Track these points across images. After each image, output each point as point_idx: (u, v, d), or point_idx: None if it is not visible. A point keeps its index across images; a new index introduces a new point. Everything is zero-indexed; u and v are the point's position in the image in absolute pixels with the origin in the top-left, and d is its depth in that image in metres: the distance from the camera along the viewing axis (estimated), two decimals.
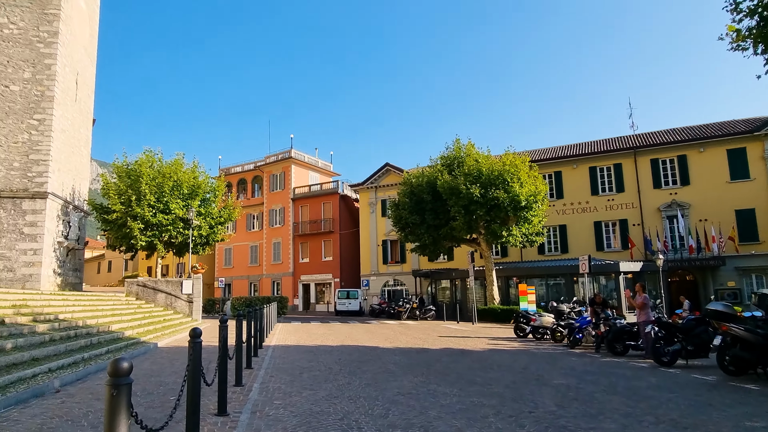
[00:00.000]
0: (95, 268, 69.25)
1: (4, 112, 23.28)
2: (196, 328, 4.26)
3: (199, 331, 4.23)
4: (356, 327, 22.80)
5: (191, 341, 4.17)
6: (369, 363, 10.67)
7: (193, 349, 4.12)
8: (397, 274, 38.89)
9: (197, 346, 4.17)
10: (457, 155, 28.10)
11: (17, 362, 7.79)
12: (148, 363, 10.32)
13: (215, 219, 28.36)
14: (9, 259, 22.16)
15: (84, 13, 28.06)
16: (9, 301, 12.04)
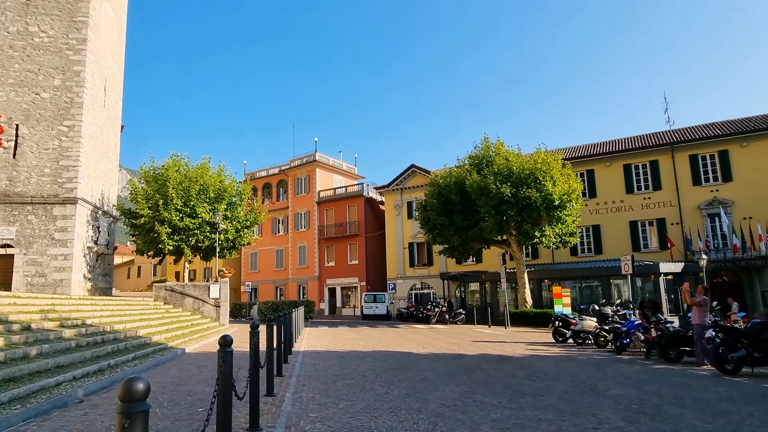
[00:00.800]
0: (125, 273, 70.49)
1: (35, 119, 23.56)
2: (227, 335, 3.74)
3: (230, 339, 3.72)
4: (385, 331, 22.22)
5: (221, 350, 3.65)
6: (405, 370, 10.08)
7: (223, 359, 3.61)
8: (425, 277, 38.19)
9: (228, 356, 3.65)
10: (485, 154, 27.33)
11: (41, 370, 7.46)
12: (175, 370, 9.94)
13: (241, 222, 28.22)
14: (41, 264, 22.33)
15: (111, 21, 28.34)
16: (37, 306, 11.87)
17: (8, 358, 7.30)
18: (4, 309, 10.17)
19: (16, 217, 22.46)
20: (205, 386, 8.08)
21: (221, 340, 3.68)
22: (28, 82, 23.79)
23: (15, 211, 22.50)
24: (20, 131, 23.29)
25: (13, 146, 23.14)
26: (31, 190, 22.79)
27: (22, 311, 10.64)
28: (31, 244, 22.35)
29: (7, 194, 22.54)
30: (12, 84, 23.59)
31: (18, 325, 9.15)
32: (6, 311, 10.01)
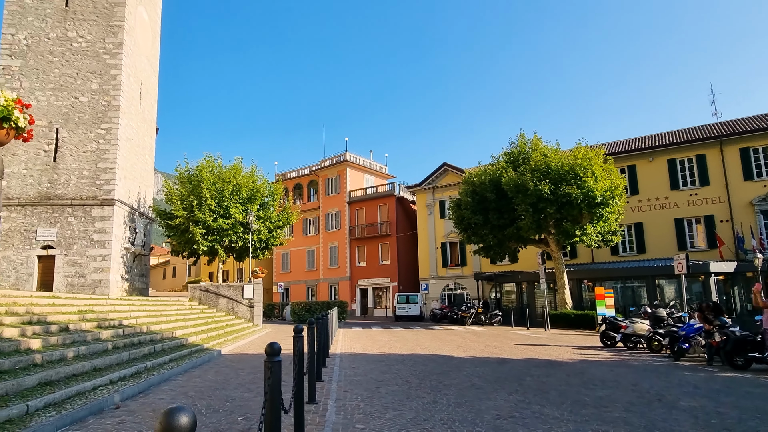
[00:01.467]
0: (161, 274, 72.01)
1: (74, 122, 23.98)
2: (274, 343, 3.31)
3: (278, 348, 3.28)
4: (421, 333, 21.68)
5: (269, 360, 3.22)
6: (449, 375, 9.54)
7: (271, 371, 3.17)
8: (458, 278, 37.44)
9: (276, 367, 3.21)
10: (522, 150, 26.49)
11: (78, 373, 7.25)
12: (212, 373, 9.67)
13: (274, 223, 28.15)
14: (80, 265, 22.69)
15: (146, 25, 28.71)
16: (76, 307, 11.83)
17: (45, 361, 7.11)
18: (44, 309, 10.10)
19: (56, 218, 22.90)
20: (243, 391, 7.73)
21: (268, 348, 3.24)
22: (68, 87, 24.25)
23: (56, 212, 22.94)
24: (60, 135, 23.75)
25: (53, 149, 23.62)
26: (71, 192, 23.20)
27: (61, 312, 10.57)
28: (71, 245, 22.74)
29: (48, 196, 23.00)
30: (52, 89, 24.10)
31: (56, 326, 9.03)
32: (45, 311, 9.93)
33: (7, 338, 7.44)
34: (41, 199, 22.89)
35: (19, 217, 22.66)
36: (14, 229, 22.59)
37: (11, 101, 4.01)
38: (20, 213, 22.67)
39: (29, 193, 22.93)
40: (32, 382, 6.11)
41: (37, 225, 22.75)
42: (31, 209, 22.77)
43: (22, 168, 23.13)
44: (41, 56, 24.31)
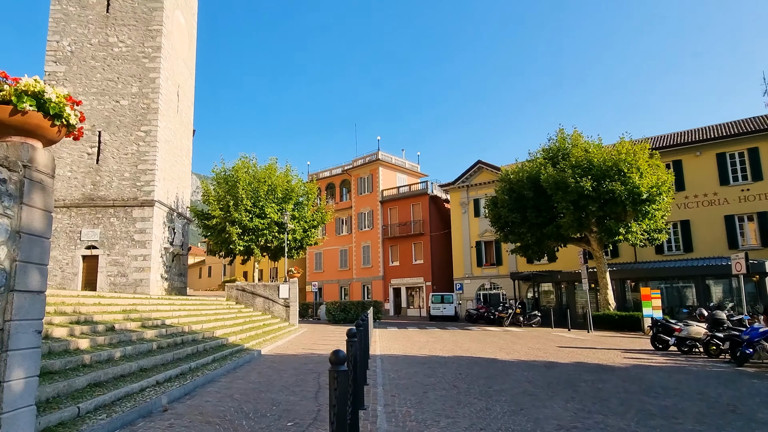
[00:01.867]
0: (197, 273, 73.55)
1: (116, 125, 24.54)
2: (339, 351, 3.04)
3: (343, 356, 3.02)
4: (459, 334, 21.25)
5: (334, 370, 2.96)
6: (497, 380, 9.15)
7: (337, 381, 2.91)
8: (493, 277, 36.74)
9: (342, 377, 2.94)
10: (561, 146, 25.67)
11: (125, 373, 7.22)
12: (255, 374, 9.56)
13: (308, 222, 28.19)
14: (122, 264, 23.20)
15: (183, 28, 29.19)
16: (120, 306, 11.97)
17: (94, 361, 7.11)
18: (90, 309, 10.21)
19: (99, 219, 23.48)
20: (288, 394, 7.55)
21: (333, 356, 2.98)
22: (109, 91, 24.84)
23: (99, 213, 23.53)
24: (102, 137, 24.35)
25: (96, 152, 24.24)
26: (113, 194, 23.75)
27: (106, 311, 10.68)
28: (114, 245, 23.28)
29: (91, 198, 23.62)
30: (95, 93, 24.72)
31: (102, 326, 9.08)
32: (91, 311, 10.03)
33: (57, 338, 7.48)
34: (85, 200, 23.52)
35: (65, 218, 23.34)
36: (60, 230, 23.27)
37: (63, 98, 3.89)
38: (66, 214, 23.35)
39: (74, 195, 23.59)
40: (82, 383, 6.07)
41: (81, 226, 23.39)
42: (75, 210, 23.42)
43: (66, 170, 23.82)
44: (84, 62, 24.98)
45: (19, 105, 3.72)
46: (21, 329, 3.67)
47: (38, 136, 3.94)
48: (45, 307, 3.98)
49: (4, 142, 3.76)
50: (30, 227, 3.78)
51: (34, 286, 3.81)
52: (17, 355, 3.64)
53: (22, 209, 3.72)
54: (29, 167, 3.81)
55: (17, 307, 3.63)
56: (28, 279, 3.74)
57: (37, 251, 3.87)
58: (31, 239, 3.79)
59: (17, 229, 3.69)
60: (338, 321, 29.15)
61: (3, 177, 3.61)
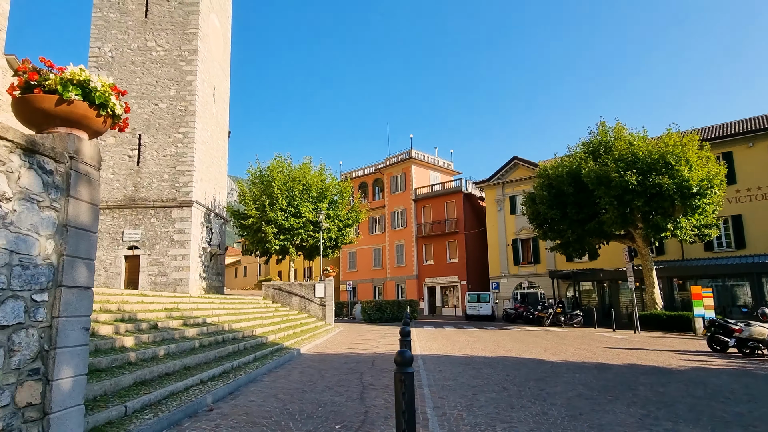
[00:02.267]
0: (233, 273, 74.87)
1: (155, 128, 25.04)
2: (405, 351, 2.77)
3: (409, 357, 2.74)
4: (498, 334, 20.72)
5: (400, 371, 2.68)
6: (548, 382, 8.71)
7: (404, 384, 2.63)
8: (531, 276, 35.86)
9: (409, 380, 2.66)
10: (603, 139, 24.72)
11: (170, 372, 7.16)
12: (296, 374, 9.41)
13: (343, 221, 28.11)
14: (162, 264, 23.64)
15: (218, 31, 29.58)
16: (162, 305, 12.06)
17: (139, 359, 7.07)
18: (133, 307, 10.29)
19: (140, 220, 24.00)
20: (332, 395, 7.34)
21: (399, 357, 2.71)
22: (148, 94, 25.37)
23: (140, 214, 24.04)
24: (142, 140, 24.89)
25: (137, 155, 24.80)
26: (153, 195, 24.23)
27: (149, 309, 10.75)
28: (154, 245, 23.74)
29: (132, 199, 24.16)
30: (134, 97, 25.28)
31: (146, 324, 9.10)
32: (135, 309, 10.10)
33: (103, 335, 7.49)
34: (127, 201, 24.08)
35: (108, 219, 23.95)
36: (104, 231, 23.89)
37: (108, 87, 3.76)
38: (108, 215, 23.96)
39: (116, 197, 24.19)
40: (128, 381, 6.01)
41: (123, 226, 23.96)
42: (118, 212, 24.01)
43: (109, 173, 24.45)
44: (124, 66, 25.59)
45: (65, 94, 3.60)
46: (69, 326, 3.55)
47: (84, 127, 3.82)
48: (92, 303, 3.86)
49: (50, 133, 3.65)
50: (77, 221, 3.66)
51: (81, 282, 3.69)
52: (65, 352, 3.52)
53: (69, 202, 3.60)
54: (75, 159, 3.68)
55: (65, 303, 3.51)
56: (75, 274, 3.62)
57: (84, 245, 3.74)
58: (78, 233, 3.66)
59: (64, 222, 3.56)
60: (374, 320, 28.95)
61: (50, 168, 3.49)
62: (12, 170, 3.16)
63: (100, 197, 3.97)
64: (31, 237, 3.29)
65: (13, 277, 3.12)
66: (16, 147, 3.18)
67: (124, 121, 4.15)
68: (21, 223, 3.21)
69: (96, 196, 3.89)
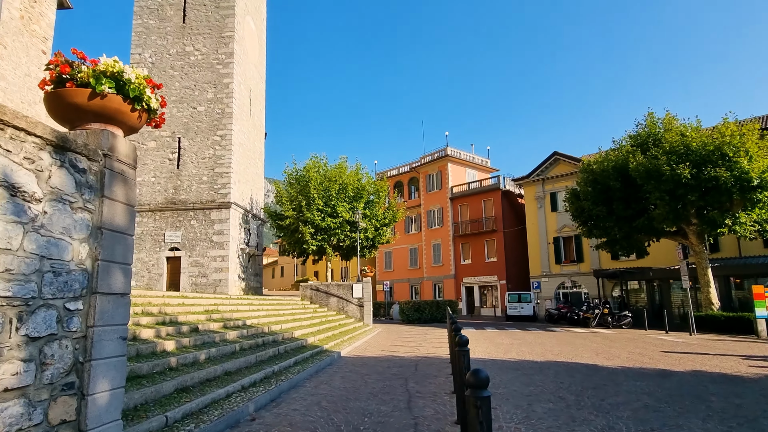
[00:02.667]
0: (270, 273, 75.87)
1: (193, 131, 25.39)
2: (479, 371, 2.36)
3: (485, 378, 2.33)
4: (543, 336, 19.94)
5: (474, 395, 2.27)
6: (607, 390, 8.09)
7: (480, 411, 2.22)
8: (573, 275, 34.65)
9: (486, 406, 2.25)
10: (651, 131, 23.51)
11: (210, 377, 6.96)
12: (338, 379, 9.10)
13: (380, 220, 27.81)
14: (202, 265, 23.92)
15: (253, 33, 29.79)
16: (202, 306, 12.01)
17: (180, 364, 6.90)
18: (174, 309, 10.23)
19: (181, 222, 24.37)
20: (378, 403, 6.98)
21: (473, 378, 2.30)
22: (187, 98, 25.75)
23: (180, 216, 24.42)
24: (182, 143, 25.28)
25: (176, 158, 25.21)
26: (192, 197, 24.56)
27: (190, 312, 10.68)
28: (194, 246, 24.05)
29: (173, 201, 24.56)
30: (174, 101, 25.70)
31: (187, 327, 8.99)
32: (176, 312, 10.04)
33: (145, 339, 7.38)
34: (167, 204, 24.50)
35: (150, 221, 24.43)
36: (146, 233, 24.38)
37: (142, 79, 3.49)
38: (150, 218, 24.44)
39: (158, 200, 24.64)
40: (169, 388, 5.82)
41: (164, 229, 24.38)
42: (159, 214, 24.45)
43: (150, 176, 24.93)
44: (164, 71, 26.05)
45: (98, 87, 3.36)
46: (105, 336, 3.30)
47: (118, 122, 3.57)
48: (130, 310, 3.61)
49: (83, 130, 3.42)
50: (112, 223, 3.42)
51: (117, 288, 3.44)
52: (102, 364, 3.27)
53: (104, 203, 3.36)
54: (110, 156, 3.44)
55: (100, 312, 3.26)
56: (111, 280, 3.38)
57: (120, 249, 3.50)
58: (113, 236, 3.42)
59: (99, 224, 3.32)
60: (412, 321, 28.53)
61: (83, 167, 3.25)
62: (42, 169, 2.93)
63: (136, 198, 3.72)
64: (64, 241, 3.06)
65: (44, 285, 2.89)
66: (46, 144, 2.95)
67: (160, 117, 3.89)
68: (52, 226, 2.98)
69: (132, 197, 3.64)
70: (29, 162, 2.84)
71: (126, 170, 3.60)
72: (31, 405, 2.78)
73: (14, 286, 2.67)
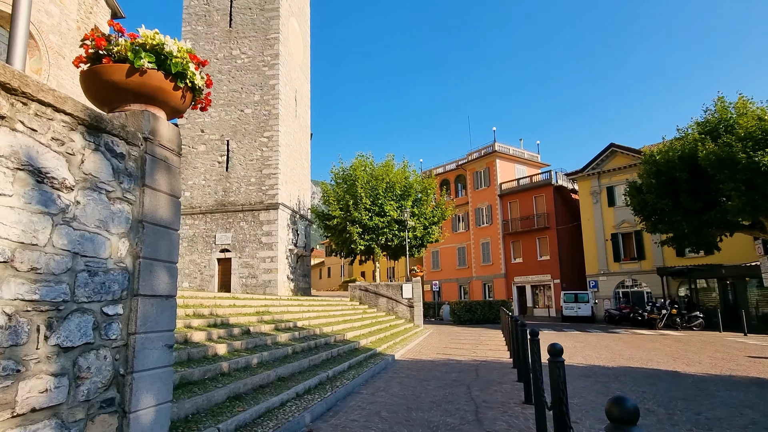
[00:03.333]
0: (317, 274, 76.55)
1: (241, 133, 25.60)
2: (623, 399, 1.75)
3: (633, 409, 1.71)
4: (607, 338, 18.71)
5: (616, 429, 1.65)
6: (701, 403, 7.15)
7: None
8: (634, 273, 32.71)
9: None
10: (722, 117, 21.70)
11: (264, 383, 6.58)
12: (396, 385, 8.57)
13: (428, 219, 27.15)
14: (252, 266, 24.04)
15: (298, 34, 29.82)
16: (253, 308, 11.80)
17: (232, 369, 6.56)
18: (226, 311, 10.02)
19: (231, 224, 24.59)
20: (443, 414, 6.38)
21: (616, 408, 1.72)
22: (234, 101, 26.01)
23: (230, 218, 24.65)
24: (230, 146, 25.54)
25: (225, 160, 25.49)
26: (241, 199, 24.75)
27: (241, 313, 10.45)
28: (244, 248, 24.21)
29: (223, 204, 24.83)
30: (222, 105, 26.03)
31: (238, 329, 8.71)
32: (227, 313, 9.81)
33: (196, 342, 7.10)
34: (217, 206, 24.79)
35: (201, 224, 24.80)
36: (198, 235, 24.77)
37: (185, 52, 3.04)
38: (201, 220, 24.81)
39: (208, 202, 24.98)
40: (221, 396, 5.45)
41: (215, 231, 24.68)
42: (210, 216, 24.78)
43: (201, 179, 25.32)
44: (212, 76, 26.34)
45: (136, 62, 2.96)
46: (148, 344, 2.89)
47: (160, 103, 3.16)
48: (176, 314, 3.20)
49: (122, 112, 3.03)
50: (155, 215, 3.01)
51: (162, 290, 3.03)
52: (145, 377, 2.86)
53: (145, 193, 2.95)
54: (151, 141, 3.04)
55: (143, 317, 2.86)
56: (154, 280, 2.97)
57: (164, 246, 3.09)
58: (156, 230, 3.01)
59: (140, 217, 2.92)
60: (463, 322, 27.70)
61: (120, 151, 2.85)
62: (73, 152, 2.54)
63: (180, 188, 3.31)
64: (100, 236, 2.67)
65: (77, 286, 2.50)
66: (78, 123, 2.57)
67: (206, 97, 3.48)
68: (87, 219, 2.59)
69: (176, 187, 3.24)
70: (58, 144, 2.45)
71: (169, 157, 3.20)
72: (64, 426, 2.39)
73: (42, 288, 2.28)
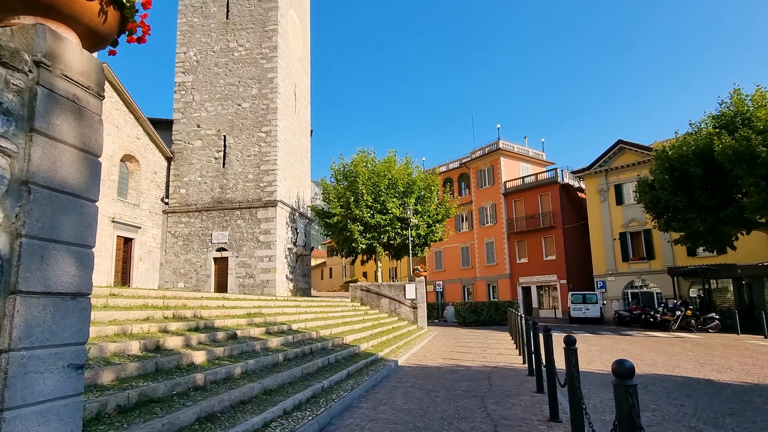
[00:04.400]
0: (318, 275, 75.60)
1: (238, 128, 24.69)
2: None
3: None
4: (621, 341, 17.72)
5: None
6: (746, 416, 6.19)
7: None
8: (643, 273, 31.69)
9: None
10: (739, 110, 20.75)
11: (245, 399, 5.64)
12: (400, 396, 7.61)
13: (432, 217, 26.19)
14: (249, 266, 23.12)
15: (297, 28, 28.92)
16: (245, 309, 10.88)
17: (208, 381, 5.63)
18: (212, 313, 9.10)
19: (227, 222, 23.68)
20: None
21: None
22: (231, 95, 25.10)
23: (226, 216, 23.73)
24: (227, 141, 24.63)
25: (222, 156, 24.57)
26: (238, 196, 23.84)
27: (229, 315, 9.53)
28: (241, 247, 23.29)
29: (219, 201, 23.92)
30: (218, 98, 25.13)
31: (223, 333, 7.78)
32: (213, 315, 8.90)
33: (170, 350, 6.18)
34: (214, 204, 23.88)
35: (197, 222, 23.88)
36: (194, 234, 23.85)
37: None
38: (197, 218, 23.89)
39: (204, 199, 24.07)
40: (188, 417, 4.50)
41: (211, 229, 23.76)
42: (206, 214, 23.86)
43: (197, 176, 24.41)
44: (208, 69, 25.54)
45: None
46: (36, 365, 1.96)
47: (64, 17, 2.23)
48: (89, 320, 2.27)
49: (5, 26, 2.10)
50: (52, 177, 2.08)
51: (63, 285, 2.11)
52: (30, 416, 1.92)
53: (34, 141, 2.02)
54: (48, 68, 2.11)
55: (25, 324, 1.92)
56: (49, 271, 2.04)
57: (69, 222, 2.15)
58: (54, 198, 2.08)
59: (23, 177, 1.99)
60: (469, 323, 26.71)
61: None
62: None
63: (101, 143, 2.38)
64: None
65: None
66: None
67: (141, 22, 2.54)
68: None
69: (92, 140, 2.31)
70: None
71: (82, 97, 2.27)
72: None
73: None
